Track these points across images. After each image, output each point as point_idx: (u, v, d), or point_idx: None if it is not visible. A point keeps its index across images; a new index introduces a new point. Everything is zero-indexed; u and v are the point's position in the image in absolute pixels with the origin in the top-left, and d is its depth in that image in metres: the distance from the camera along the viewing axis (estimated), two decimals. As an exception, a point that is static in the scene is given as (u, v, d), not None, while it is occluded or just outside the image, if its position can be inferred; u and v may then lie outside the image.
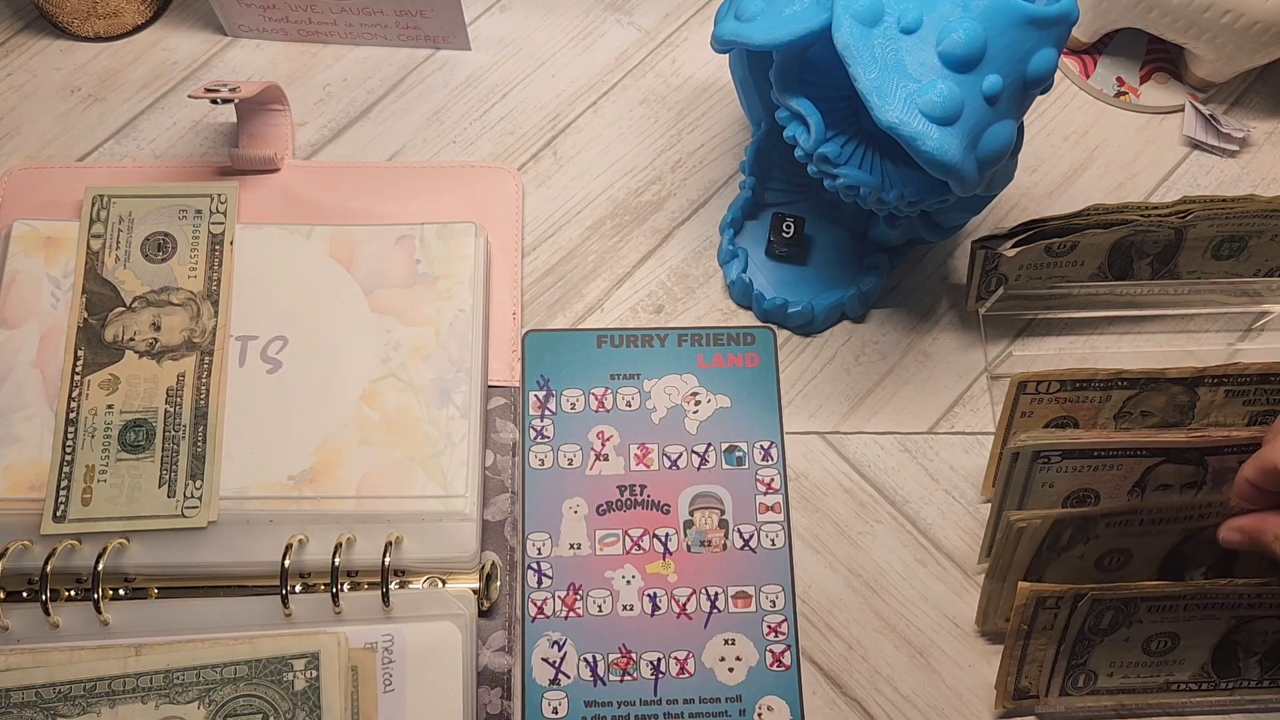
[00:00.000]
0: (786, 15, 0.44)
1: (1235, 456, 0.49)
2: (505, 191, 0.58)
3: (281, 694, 0.46)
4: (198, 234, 0.54)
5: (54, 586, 0.47)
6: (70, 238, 0.54)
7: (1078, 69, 0.63)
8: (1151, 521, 0.48)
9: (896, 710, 0.50)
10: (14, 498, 0.49)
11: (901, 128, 0.42)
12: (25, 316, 0.52)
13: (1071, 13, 0.43)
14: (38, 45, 0.62)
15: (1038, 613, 0.47)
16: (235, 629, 0.47)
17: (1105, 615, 0.47)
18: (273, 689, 0.46)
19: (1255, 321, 0.58)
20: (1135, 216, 0.52)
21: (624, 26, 0.64)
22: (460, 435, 0.50)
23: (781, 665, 0.50)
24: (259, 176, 0.57)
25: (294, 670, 0.46)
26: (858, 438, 0.55)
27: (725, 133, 0.61)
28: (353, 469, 0.50)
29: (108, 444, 0.50)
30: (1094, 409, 0.52)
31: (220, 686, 0.46)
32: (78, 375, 0.51)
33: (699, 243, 0.58)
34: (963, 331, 0.57)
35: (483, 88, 0.62)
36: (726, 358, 0.55)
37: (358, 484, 0.50)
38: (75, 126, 0.60)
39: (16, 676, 0.46)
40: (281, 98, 0.58)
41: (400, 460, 0.50)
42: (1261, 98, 0.63)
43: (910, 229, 0.53)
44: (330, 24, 0.61)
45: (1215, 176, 0.61)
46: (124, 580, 0.48)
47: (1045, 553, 0.48)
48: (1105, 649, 0.48)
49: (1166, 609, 0.47)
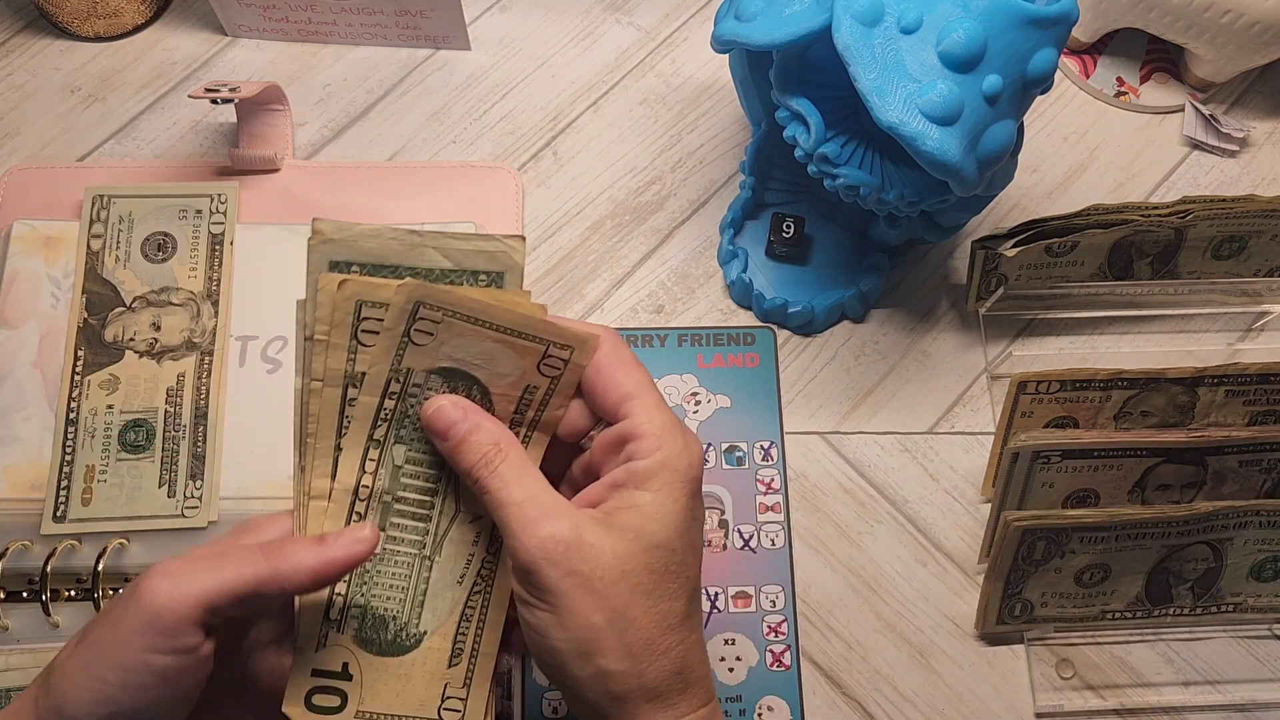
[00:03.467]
0: (786, 15, 0.44)
1: (1235, 456, 0.49)
2: (505, 191, 0.58)
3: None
4: (198, 234, 0.54)
5: (54, 586, 0.47)
6: (70, 238, 0.54)
7: (1078, 69, 0.63)
8: (1128, 537, 0.48)
9: (896, 710, 0.50)
10: (14, 498, 0.49)
11: (901, 128, 0.42)
12: (25, 316, 0.52)
13: (1071, 13, 0.43)
14: (38, 45, 0.62)
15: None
16: (235, 629, 0.47)
17: (1038, 546, 0.48)
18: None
19: (1255, 321, 0.58)
20: (1135, 216, 0.52)
21: (624, 26, 0.64)
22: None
23: (781, 665, 0.50)
24: (259, 176, 0.57)
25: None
26: (858, 438, 0.55)
27: (725, 133, 0.61)
28: (353, 469, 0.50)
29: (108, 444, 0.50)
30: (1094, 409, 0.52)
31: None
32: (78, 375, 0.51)
33: (699, 243, 0.58)
34: (963, 331, 0.57)
35: (483, 88, 0.62)
36: (726, 358, 0.55)
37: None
38: (75, 126, 0.60)
39: (17, 676, 0.46)
40: (281, 98, 0.58)
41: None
42: (1261, 98, 0.63)
43: (910, 229, 0.53)
44: (330, 24, 0.61)
45: (1215, 176, 0.61)
46: (124, 580, 0.48)
47: (1021, 565, 0.48)
48: (1039, 579, 0.49)
49: (1098, 539, 0.48)
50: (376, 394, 0.37)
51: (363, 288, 0.35)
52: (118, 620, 0.33)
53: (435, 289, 0.36)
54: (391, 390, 0.37)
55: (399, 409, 0.37)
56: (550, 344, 0.36)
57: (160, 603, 0.33)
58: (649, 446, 0.36)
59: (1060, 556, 0.48)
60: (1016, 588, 0.49)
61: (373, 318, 0.36)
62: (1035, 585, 0.49)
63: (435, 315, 0.36)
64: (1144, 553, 0.49)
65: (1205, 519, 0.48)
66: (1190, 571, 0.50)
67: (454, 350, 0.36)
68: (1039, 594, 0.49)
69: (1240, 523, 0.48)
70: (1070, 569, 0.49)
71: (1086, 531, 0.47)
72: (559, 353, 0.37)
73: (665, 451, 0.36)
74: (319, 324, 0.35)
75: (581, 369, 0.37)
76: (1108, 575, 0.49)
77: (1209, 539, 0.49)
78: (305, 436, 0.36)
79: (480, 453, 0.36)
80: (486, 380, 0.37)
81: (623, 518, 0.35)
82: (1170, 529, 0.48)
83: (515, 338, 0.36)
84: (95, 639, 0.34)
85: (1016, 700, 0.50)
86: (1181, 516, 0.47)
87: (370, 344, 0.36)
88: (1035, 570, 0.48)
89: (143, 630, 0.33)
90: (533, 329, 0.36)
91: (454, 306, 0.36)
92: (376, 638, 0.38)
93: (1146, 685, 0.50)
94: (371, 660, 0.38)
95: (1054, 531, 0.47)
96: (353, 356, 0.36)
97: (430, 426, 0.36)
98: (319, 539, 0.35)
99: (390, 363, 0.36)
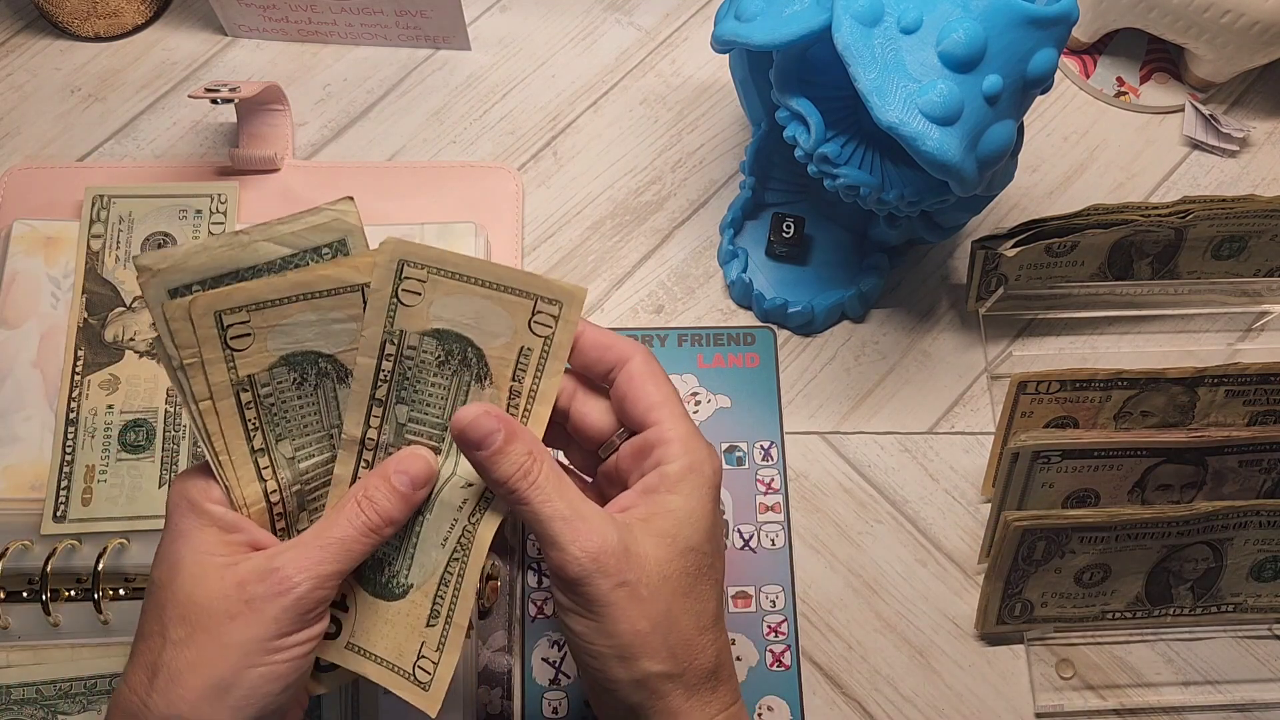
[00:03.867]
0: (786, 15, 0.44)
1: (1235, 456, 0.49)
2: (505, 191, 0.58)
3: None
4: (198, 234, 0.54)
5: (54, 586, 0.47)
6: (70, 238, 0.54)
7: (1078, 69, 0.63)
8: (1128, 537, 0.48)
9: (896, 710, 0.50)
10: (14, 498, 0.49)
11: (901, 128, 0.42)
12: (25, 316, 0.52)
13: (1071, 13, 0.43)
14: (38, 45, 0.62)
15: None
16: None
17: (1038, 546, 0.48)
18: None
19: (1255, 321, 0.58)
20: (1135, 216, 0.52)
21: (624, 26, 0.64)
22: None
23: (781, 665, 0.50)
24: (259, 176, 0.57)
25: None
26: (858, 438, 0.55)
27: (725, 133, 0.61)
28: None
29: (108, 444, 0.50)
30: (1094, 409, 0.52)
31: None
32: (78, 375, 0.51)
33: (699, 243, 0.58)
34: (963, 331, 0.57)
35: (483, 88, 0.62)
36: (726, 358, 0.55)
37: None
38: (75, 126, 0.60)
39: (17, 673, 0.46)
40: (281, 98, 0.58)
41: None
42: (1261, 98, 0.63)
43: (910, 229, 0.53)
44: (330, 24, 0.61)
45: (1215, 176, 0.61)
46: (124, 580, 0.48)
47: (1021, 565, 0.48)
48: (1039, 579, 0.49)
49: (1098, 539, 0.48)
50: (373, 355, 0.37)
51: (213, 299, 0.35)
52: (250, 612, 0.33)
53: (415, 246, 0.36)
54: (387, 352, 0.37)
55: (396, 370, 0.37)
56: (538, 298, 0.36)
57: (298, 585, 0.34)
58: (677, 451, 0.37)
59: (1060, 556, 0.48)
60: (1016, 588, 0.49)
61: (237, 322, 0.35)
62: (1035, 585, 0.49)
63: (420, 274, 0.36)
64: (1144, 553, 0.49)
65: (1205, 519, 0.48)
66: (1190, 571, 0.50)
67: (443, 310, 0.36)
68: (1039, 594, 0.49)
69: (1240, 523, 0.48)
70: (1070, 569, 0.49)
71: (1086, 531, 0.47)
72: (548, 308, 0.37)
73: (692, 457, 0.37)
74: (183, 350, 0.35)
75: (573, 326, 0.37)
76: (1108, 575, 0.49)
77: (1209, 539, 0.49)
78: (217, 454, 0.36)
79: (517, 464, 0.35)
80: (480, 342, 0.37)
81: (659, 523, 0.36)
82: (1170, 529, 0.48)
83: (502, 292, 0.36)
84: (216, 639, 0.33)
85: (1016, 700, 0.50)
86: (1181, 516, 0.47)
87: (244, 348, 0.36)
88: (1035, 570, 0.48)
89: (277, 617, 0.34)
90: (519, 282, 0.36)
91: (436, 263, 0.36)
92: (373, 577, 0.39)
93: (1146, 685, 0.50)
94: (366, 598, 0.38)
95: (1054, 531, 0.47)
96: (233, 364, 0.36)
97: (465, 438, 0.36)
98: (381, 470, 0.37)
99: (383, 324, 0.36)
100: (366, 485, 0.36)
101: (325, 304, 0.36)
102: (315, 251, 0.37)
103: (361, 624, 0.38)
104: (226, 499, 0.36)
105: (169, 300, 0.35)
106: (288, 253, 0.36)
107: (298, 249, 0.36)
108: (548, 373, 0.37)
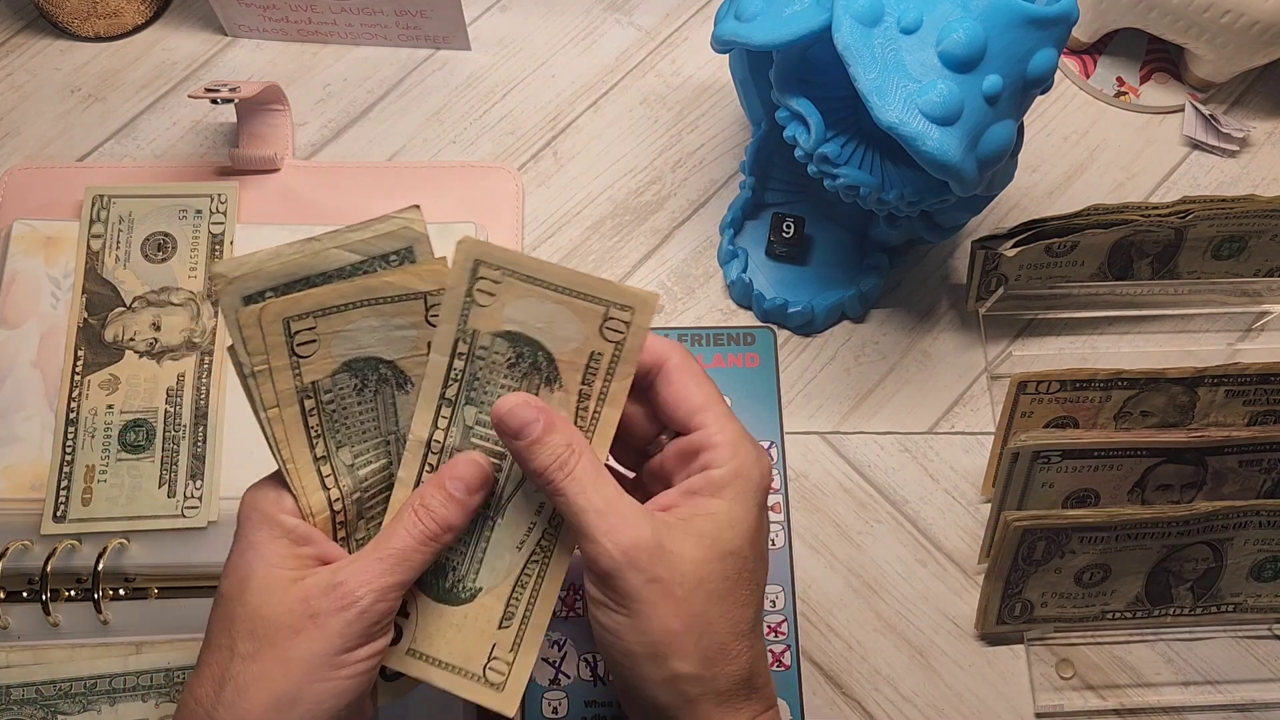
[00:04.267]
0: (786, 15, 0.44)
1: (1235, 456, 0.49)
2: (505, 191, 0.58)
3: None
4: (198, 234, 0.54)
5: (54, 586, 0.47)
6: (70, 238, 0.54)
7: (1078, 69, 0.63)
8: (1128, 537, 0.48)
9: (896, 710, 0.50)
10: (14, 498, 0.49)
11: (901, 128, 0.42)
12: (25, 316, 0.52)
13: (1071, 13, 0.43)
14: (38, 45, 0.62)
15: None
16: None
17: (1038, 546, 0.48)
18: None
19: (1255, 321, 0.58)
20: (1135, 216, 0.52)
21: (624, 26, 0.64)
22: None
23: (781, 665, 0.50)
24: (259, 176, 0.57)
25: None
26: (858, 438, 0.55)
27: (725, 133, 0.61)
28: (353, 469, 0.50)
29: (108, 444, 0.50)
30: (1094, 409, 0.52)
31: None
32: (78, 375, 0.51)
33: (699, 243, 0.58)
34: (963, 331, 0.57)
35: (483, 88, 0.62)
36: (726, 358, 0.55)
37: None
38: (75, 126, 0.60)
39: (17, 673, 0.46)
40: (281, 98, 0.58)
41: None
42: (1261, 98, 0.63)
43: (910, 229, 0.53)
44: (330, 24, 0.61)
45: (1215, 176, 0.61)
46: (124, 580, 0.48)
47: (1021, 565, 0.48)
48: (1039, 579, 0.49)
49: (1098, 539, 0.48)
50: (446, 353, 0.37)
51: (283, 306, 0.35)
52: (315, 627, 0.33)
53: (491, 246, 0.36)
54: (459, 351, 0.37)
55: (468, 370, 0.37)
56: (610, 305, 0.36)
57: (361, 599, 0.34)
58: (724, 456, 0.36)
59: (1060, 556, 0.48)
60: (1016, 588, 0.49)
61: (304, 329, 0.35)
62: (1035, 585, 0.49)
63: (495, 275, 0.36)
64: (1144, 553, 0.49)
65: (1205, 519, 0.48)
66: (1190, 571, 0.50)
67: (515, 312, 0.36)
68: (1039, 594, 0.49)
69: (1240, 523, 0.48)
70: (1070, 569, 0.49)
71: (1086, 531, 0.47)
72: (620, 314, 0.36)
73: (739, 461, 0.36)
74: (254, 357, 0.35)
75: (645, 333, 0.37)
76: (1108, 575, 0.49)
77: (1209, 539, 0.49)
78: (285, 463, 0.36)
79: (554, 455, 0.35)
80: (551, 346, 0.37)
81: (699, 524, 0.36)
82: (1170, 529, 0.48)
83: (574, 298, 0.36)
84: (281, 653, 0.33)
85: (1016, 700, 0.50)
86: (1181, 516, 0.47)
87: (309, 354, 0.36)
88: (1035, 570, 0.48)
89: (341, 631, 0.33)
90: (591, 289, 0.36)
91: (511, 265, 0.36)
92: (435, 583, 0.38)
93: (1146, 685, 0.50)
94: (428, 604, 0.38)
95: (1054, 531, 0.47)
96: (298, 371, 0.36)
97: (504, 426, 0.36)
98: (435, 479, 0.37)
99: (456, 323, 0.36)
100: (422, 494, 0.36)
101: (388, 310, 0.36)
102: (383, 258, 0.37)
103: (424, 629, 0.38)
104: (297, 509, 0.36)
105: (243, 308, 0.35)
106: (357, 259, 0.36)
107: (366, 255, 0.36)
108: (618, 376, 0.37)
